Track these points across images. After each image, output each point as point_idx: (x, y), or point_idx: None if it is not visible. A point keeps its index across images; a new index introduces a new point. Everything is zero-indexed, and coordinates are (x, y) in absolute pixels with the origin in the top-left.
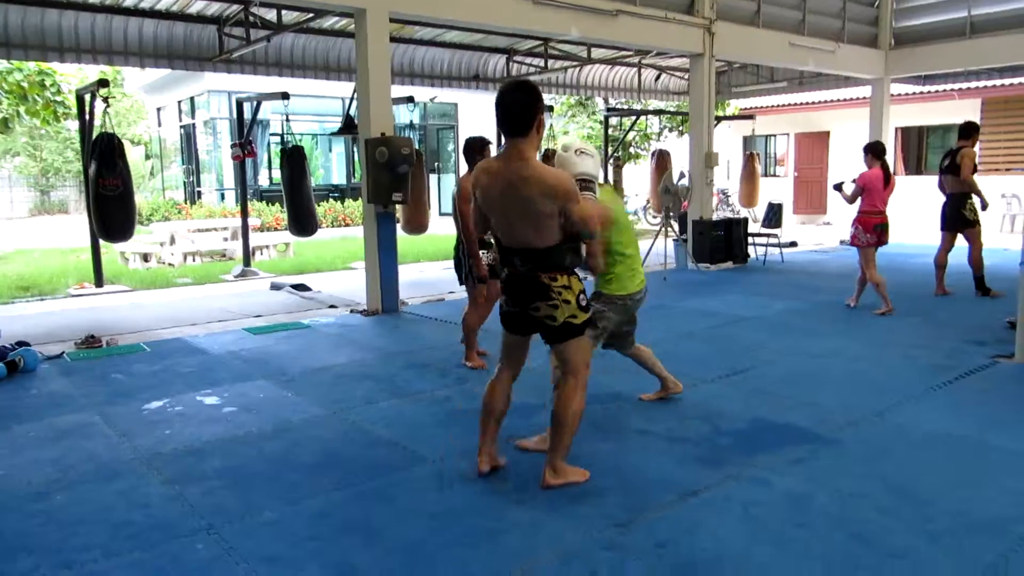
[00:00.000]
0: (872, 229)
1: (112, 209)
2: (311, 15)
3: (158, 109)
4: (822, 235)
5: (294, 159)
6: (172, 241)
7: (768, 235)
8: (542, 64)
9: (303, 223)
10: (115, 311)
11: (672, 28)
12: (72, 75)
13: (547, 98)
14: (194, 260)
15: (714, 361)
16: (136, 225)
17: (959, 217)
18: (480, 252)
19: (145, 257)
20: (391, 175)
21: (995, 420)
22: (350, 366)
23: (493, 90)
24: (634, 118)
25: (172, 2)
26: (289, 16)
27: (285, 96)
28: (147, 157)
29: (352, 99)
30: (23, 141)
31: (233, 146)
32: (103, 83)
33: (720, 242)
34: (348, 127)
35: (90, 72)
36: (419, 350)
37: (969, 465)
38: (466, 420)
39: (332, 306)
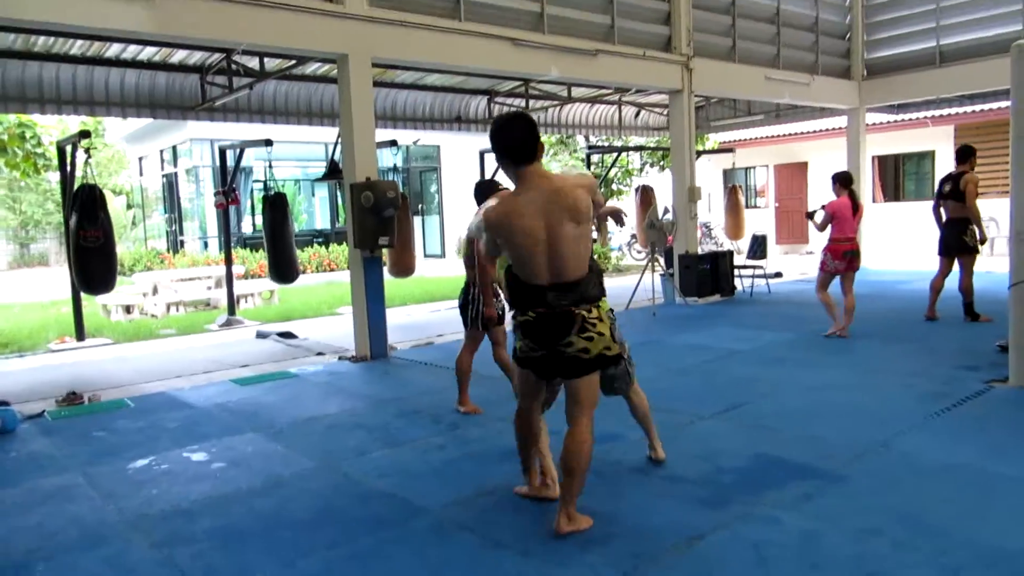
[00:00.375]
0: (841, 256)
1: (93, 261)
2: (293, 62)
3: (140, 158)
4: (806, 264)
5: (276, 206)
6: (155, 291)
7: (754, 267)
8: (523, 104)
9: (284, 271)
10: (98, 365)
11: (650, 66)
12: (53, 126)
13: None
14: (177, 310)
15: (710, 396)
16: (117, 277)
17: (959, 243)
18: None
19: (128, 309)
20: (377, 219)
21: (995, 447)
22: (341, 415)
23: (475, 131)
24: (615, 155)
25: (154, 52)
26: (272, 63)
27: (268, 143)
28: (129, 207)
29: (336, 144)
30: (2, 194)
31: (216, 194)
32: (84, 134)
33: (706, 275)
34: (333, 172)
35: (71, 123)
36: (410, 396)
37: (976, 494)
38: (462, 467)
39: (320, 353)
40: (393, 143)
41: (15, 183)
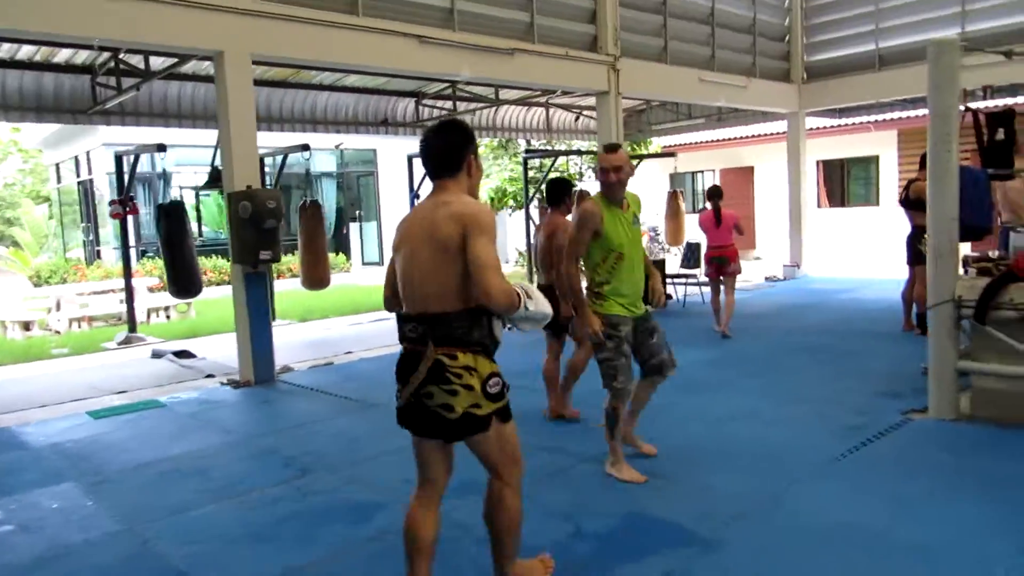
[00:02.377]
0: (709, 262)
1: None
2: (176, 60)
3: (56, 164)
4: (750, 272)
5: (172, 215)
6: (58, 307)
7: (687, 276)
8: (451, 106)
9: (184, 284)
10: None
11: (574, 66)
12: None
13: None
14: (80, 326)
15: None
16: None
17: (915, 251)
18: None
19: (26, 325)
20: (257, 232)
21: (900, 500)
22: (184, 458)
23: (404, 134)
24: (553, 159)
25: (34, 51)
26: (157, 62)
27: (161, 148)
28: (51, 216)
29: (216, 149)
30: None
31: (112, 203)
32: None
33: None
34: (214, 180)
35: None
36: (273, 432)
37: (868, 567)
38: (288, 529)
39: (210, 375)
40: (305, 147)
41: None
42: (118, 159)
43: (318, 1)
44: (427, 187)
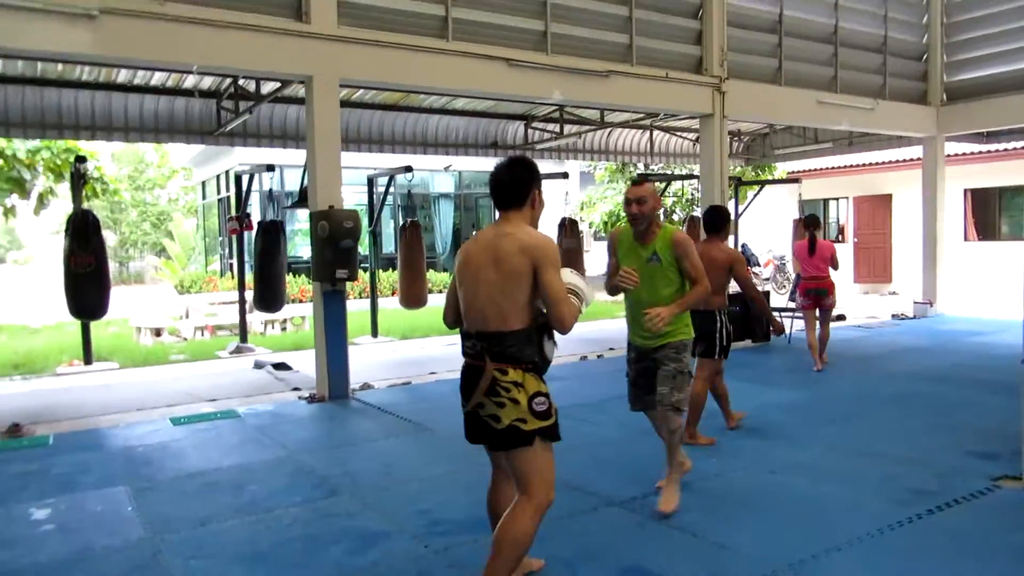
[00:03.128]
0: (804, 293)
1: (85, 287)
2: (279, 85)
3: (203, 182)
4: (881, 307)
5: (269, 233)
6: (187, 315)
7: (794, 310)
8: (557, 129)
9: (268, 299)
10: (78, 392)
11: (675, 88)
12: (98, 152)
13: (569, 165)
14: (203, 334)
15: (641, 474)
16: (109, 303)
17: None
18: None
19: (157, 332)
20: (334, 251)
21: None
22: (230, 471)
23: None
24: (666, 184)
25: (165, 78)
26: (269, 87)
27: (270, 168)
28: (197, 230)
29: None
30: (104, 215)
31: (229, 219)
32: (80, 159)
33: (735, 318)
34: (303, 199)
35: (116, 149)
36: (322, 449)
37: None
38: (287, 551)
39: (296, 388)
40: (408, 169)
41: (116, 205)
42: (237, 178)
43: (407, 26)
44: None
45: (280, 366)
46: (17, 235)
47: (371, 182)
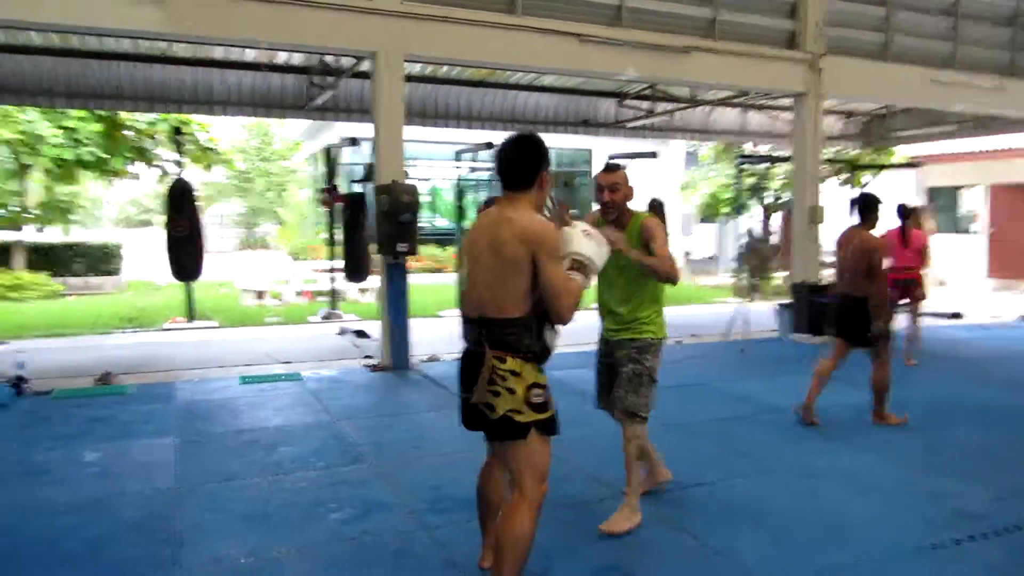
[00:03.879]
0: (893, 284)
1: (181, 250)
2: (355, 61)
3: (314, 155)
4: (1011, 306)
5: (354, 206)
6: (289, 281)
7: (902, 305)
8: (648, 107)
9: (354, 268)
10: (172, 347)
11: (764, 65)
12: (209, 125)
13: (656, 145)
14: (301, 299)
15: (674, 467)
16: (203, 265)
17: None
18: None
19: (259, 295)
20: (395, 224)
21: None
22: (272, 431)
23: (604, 134)
24: (767, 165)
25: (259, 54)
26: (350, 63)
27: (353, 142)
28: (310, 200)
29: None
30: (234, 184)
31: (320, 191)
32: (177, 130)
33: (824, 311)
34: (369, 176)
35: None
36: (362, 416)
37: None
38: (287, 514)
39: (368, 356)
40: (489, 145)
41: (244, 176)
42: (327, 152)
43: (474, 1)
44: None
45: (360, 333)
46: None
47: (459, 158)
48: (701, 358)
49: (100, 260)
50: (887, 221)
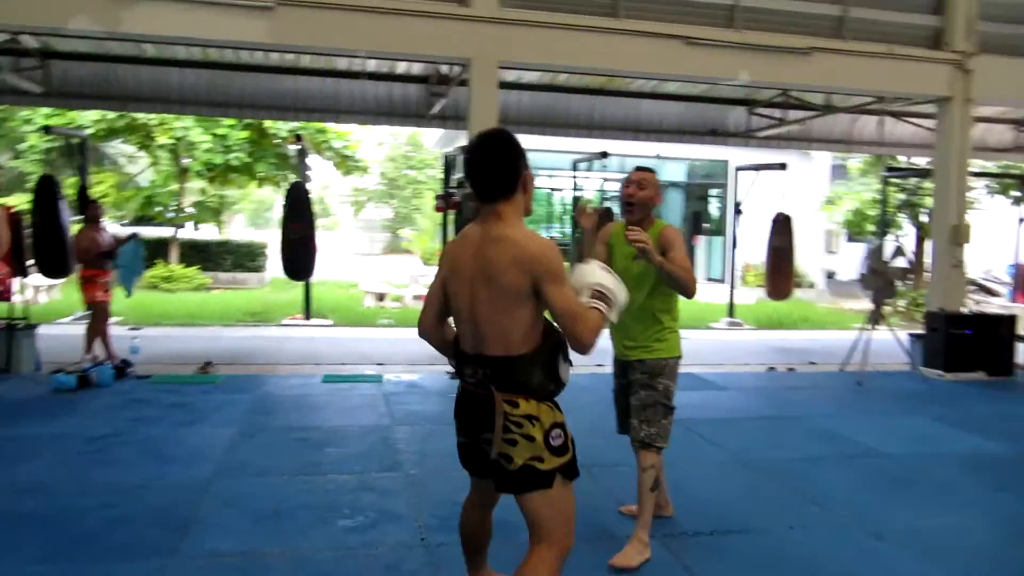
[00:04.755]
0: None
1: (295, 250)
2: (461, 69)
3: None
4: None
5: (464, 213)
6: (409, 283)
7: None
8: (779, 115)
9: None
10: (282, 342)
11: (900, 66)
12: (347, 133)
13: (785, 156)
14: (419, 302)
15: (722, 509)
16: (315, 266)
17: None
18: None
19: (380, 297)
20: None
21: None
22: (328, 431)
23: (734, 145)
24: (920, 177)
25: (381, 64)
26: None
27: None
28: None
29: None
30: (381, 191)
31: (437, 197)
32: (298, 137)
33: (963, 343)
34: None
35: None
36: (422, 424)
37: None
38: (302, 516)
39: None
40: (603, 155)
41: (392, 182)
42: (444, 159)
43: (574, 5)
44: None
45: None
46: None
47: (575, 167)
48: (809, 388)
49: (246, 257)
50: None
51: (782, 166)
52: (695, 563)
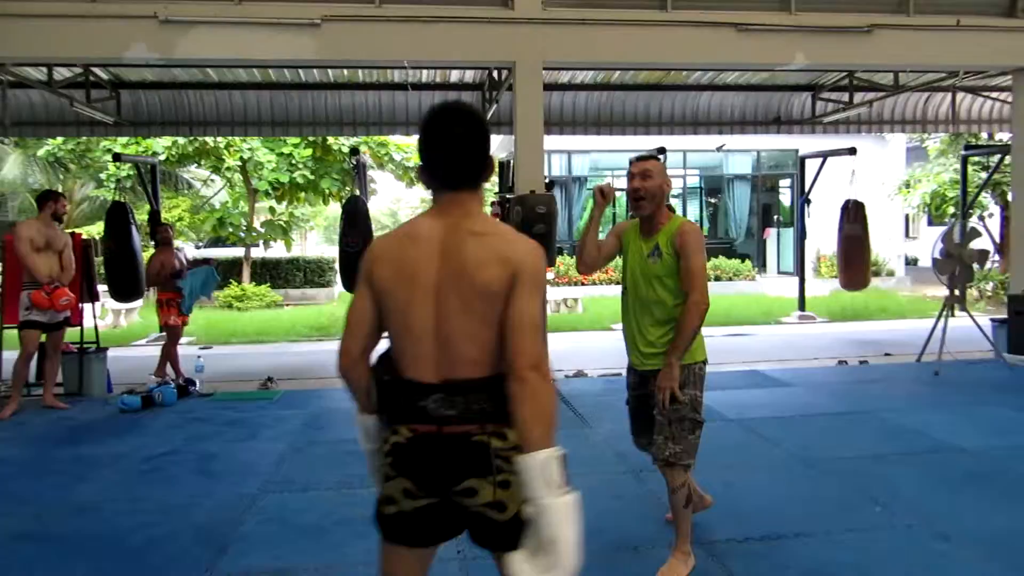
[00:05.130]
0: None
1: (353, 263)
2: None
3: None
4: None
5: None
6: None
7: None
8: (847, 98)
9: None
10: None
11: (970, 38)
12: (407, 145)
13: (858, 141)
14: None
15: (776, 512)
16: None
17: None
18: None
19: None
20: (528, 236)
21: None
22: None
23: (798, 133)
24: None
25: (433, 75)
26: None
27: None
28: None
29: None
30: None
31: (492, 204)
32: (353, 151)
33: None
34: (550, 185)
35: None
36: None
37: None
38: (339, 532)
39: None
40: (661, 151)
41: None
42: (500, 165)
43: (621, 1)
44: None
45: None
46: (399, 217)
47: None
48: (882, 381)
49: (315, 273)
50: None
51: (851, 151)
52: (741, 570)
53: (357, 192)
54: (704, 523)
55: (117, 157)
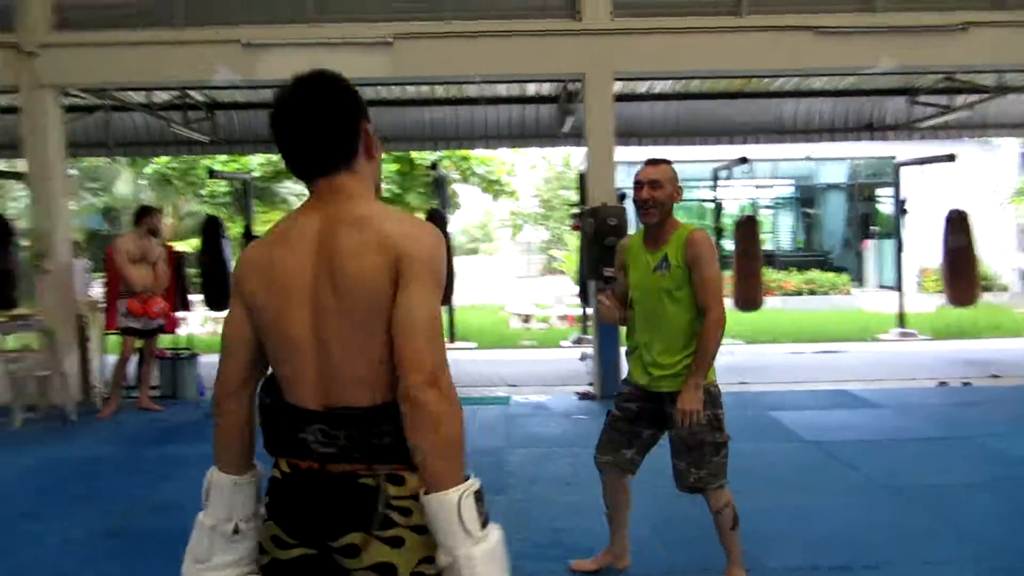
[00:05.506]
0: None
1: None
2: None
3: None
4: None
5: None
6: (553, 303)
7: None
8: (945, 102)
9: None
10: None
11: None
12: (490, 159)
13: (962, 147)
14: (566, 323)
15: (850, 541)
16: (452, 290)
17: None
18: None
19: (526, 318)
20: (600, 248)
21: None
22: None
23: (893, 139)
24: None
25: (509, 89)
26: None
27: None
28: None
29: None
30: (536, 213)
31: (571, 216)
32: (433, 165)
33: None
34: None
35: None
36: (534, 447)
37: None
38: None
39: (591, 384)
40: (743, 160)
41: (546, 204)
42: (580, 176)
43: (691, 7)
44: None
45: None
46: (489, 229)
47: (716, 176)
48: (984, 404)
49: None
50: None
51: (950, 157)
52: None
53: (437, 205)
54: (769, 549)
55: (212, 174)
